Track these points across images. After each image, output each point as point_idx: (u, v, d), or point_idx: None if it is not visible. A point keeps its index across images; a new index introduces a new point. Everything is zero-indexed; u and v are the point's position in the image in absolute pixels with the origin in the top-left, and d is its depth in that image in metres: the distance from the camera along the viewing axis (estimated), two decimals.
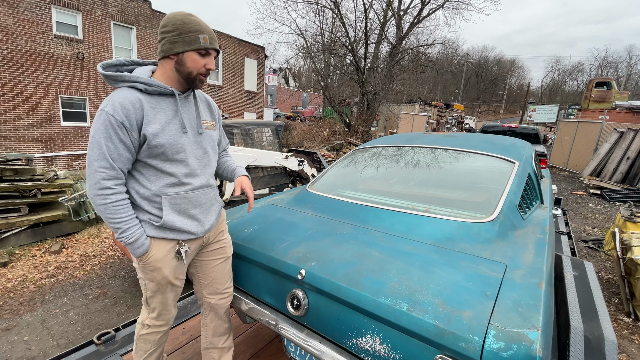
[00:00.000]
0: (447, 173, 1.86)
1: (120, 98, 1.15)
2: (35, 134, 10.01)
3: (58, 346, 2.76)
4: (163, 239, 1.29)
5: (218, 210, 1.47)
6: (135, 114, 1.16)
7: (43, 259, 4.34)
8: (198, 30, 1.19)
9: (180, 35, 1.18)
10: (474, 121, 31.30)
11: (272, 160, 4.52)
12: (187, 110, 1.31)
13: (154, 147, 1.20)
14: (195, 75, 1.24)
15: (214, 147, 1.44)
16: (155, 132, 1.19)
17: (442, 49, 20.68)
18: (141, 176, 1.25)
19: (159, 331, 1.44)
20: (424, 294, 1.03)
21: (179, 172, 1.27)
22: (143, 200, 1.25)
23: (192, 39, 1.18)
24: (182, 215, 1.30)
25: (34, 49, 9.69)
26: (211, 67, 1.25)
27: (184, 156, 1.27)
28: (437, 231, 1.36)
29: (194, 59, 1.21)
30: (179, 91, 1.27)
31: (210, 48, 1.23)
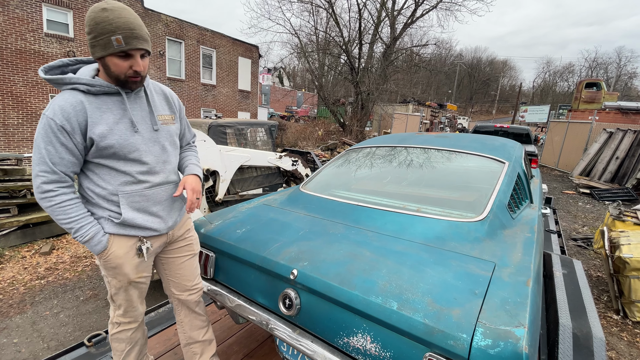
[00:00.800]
0: (438, 173, 1.88)
1: (61, 101, 1.11)
2: (25, 134, 9.85)
3: (48, 348, 2.72)
4: (124, 236, 1.27)
5: (181, 206, 1.45)
6: (76, 116, 1.12)
7: (33, 260, 4.27)
8: (110, 30, 1.07)
9: (96, 39, 1.09)
10: (467, 121, 31.59)
11: (265, 160, 4.51)
12: (139, 107, 1.26)
13: (104, 148, 1.17)
14: (124, 78, 1.16)
15: (173, 142, 1.39)
16: (103, 134, 1.15)
17: (436, 49, 20.86)
18: (95, 176, 1.22)
19: (129, 328, 1.43)
20: (414, 293, 1.04)
21: (133, 170, 1.24)
22: (100, 198, 1.23)
23: (106, 42, 1.08)
24: (143, 213, 1.28)
25: (24, 48, 9.54)
26: (137, 68, 1.15)
27: (138, 155, 1.23)
28: (428, 230, 1.38)
29: (115, 63, 1.13)
30: (127, 89, 1.22)
31: (127, 49, 1.10)
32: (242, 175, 4.35)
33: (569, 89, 53.44)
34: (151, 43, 1.23)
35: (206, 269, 1.61)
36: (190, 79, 13.96)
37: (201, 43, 14.16)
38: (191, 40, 13.76)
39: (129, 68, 1.15)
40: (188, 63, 13.77)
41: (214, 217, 1.79)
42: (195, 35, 13.90)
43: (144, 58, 1.19)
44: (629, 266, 2.96)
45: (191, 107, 14.18)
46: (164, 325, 2.10)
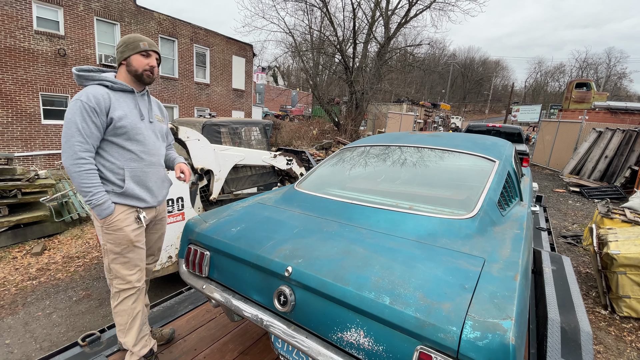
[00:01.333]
0: (431, 171, 1.91)
1: (93, 91, 1.50)
2: (14, 133, 9.68)
3: (41, 349, 2.70)
4: (125, 205, 1.59)
5: (168, 185, 1.83)
6: (104, 102, 1.50)
7: (24, 260, 4.22)
8: (139, 39, 1.61)
9: (127, 46, 1.60)
10: (460, 121, 31.88)
11: (260, 159, 4.51)
12: (143, 104, 1.69)
13: (119, 127, 1.54)
14: (141, 72, 1.61)
15: (163, 136, 1.80)
16: (120, 116, 1.54)
17: (429, 49, 20.99)
18: (106, 153, 1.56)
19: (129, 295, 1.64)
20: (406, 288, 1.07)
21: (137, 149, 1.61)
22: (109, 172, 1.56)
23: (135, 45, 1.60)
24: (140, 186, 1.64)
25: (14, 45, 9.37)
26: (153, 64, 1.64)
27: (142, 137, 1.63)
28: (420, 227, 1.41)
29: (138, 59, 1.61)
30: (136, 90, 1.64)
31: (149, 50, 1.62)
32: (237, 174, 4.34)
33: (559, 89, 54.21)
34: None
35: (201, 267, 1.62)
36: (183, 77, 13.86)
37: (194, 41, 14.05)
38: (184, 39, 13.65)
39: (147, 64, 1.62)
40: (181, 62, 13.66)
41: (208, 215, 1.80)
42: (189, 33, 13.80)
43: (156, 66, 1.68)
44: (617, 262, 3.04)
45: (185, 106, 14.08)
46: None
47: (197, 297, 2.39)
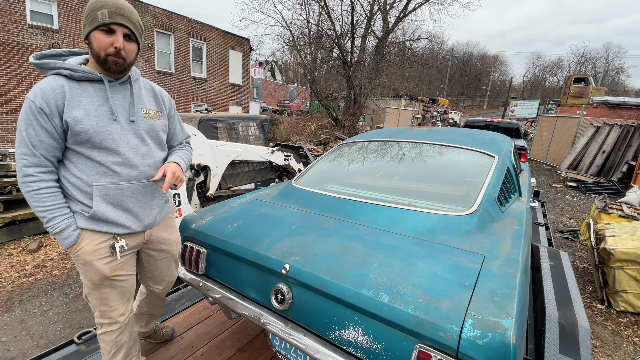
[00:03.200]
0: (429, 167, 1.89)
1: (43, 85, 1.13)
2: (9, 128, 9.58)
3: (38, 346, 2.69)
4: (95, 232, 1.25)
5: (160, 204, 1.43)
6: (55, 99, 1.13)
7: (20, 257, 4.19)
8: (98, 7, 1.12)
9: (87, 17, 1.14)
10: (458, 116, 31.84)
11: (257, 154, 4.48)
12: (121, 96, 1.26)
13: (78, 133, 1.16)
14: (104, 56, 1.16)
15: (157, 137, 1.37)
16: (78, 118, 1.15)
17: (428, 43, 20.91)
18: (72, 165, 1.21)
19: (111, 330, 1.37)
20: (405, 286, 1.05)
21: (108, 160, 1.22)
22: (75, 189, 1.21)
23: (93, 17, 1.12)
24: (116, 208, 1.26)
25: (7, 39, 9.23)
26: (119, 45, 1.15)
27: (114, 144, 1.22)
28: (419, 224, 1.39)
29: (97, 38, 1.14)
30: (110, 78, 1.23)
31: (110, 23, 1.12)
32: (234, 170, 4.31)
33: (558, 84, 54.24)
34: (142, 34, 1.27)
35: (197, 264, 1.60)
36: (180, 72, 13.72)
37: (191, 35, 13.90)
38: (181, 33, 13.50)
39: (110, 45, 1.15)
40: (178, 56, 13.52)
41: (205, 212, 1.77)
42: (185, 27, 13.63)
43: (130, 42, 1.21)
44: (614, 257, 3.05)
45: (181, 101, 13.96)
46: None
47: (194, 294, 2.37)
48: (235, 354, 1.83)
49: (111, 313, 1.35)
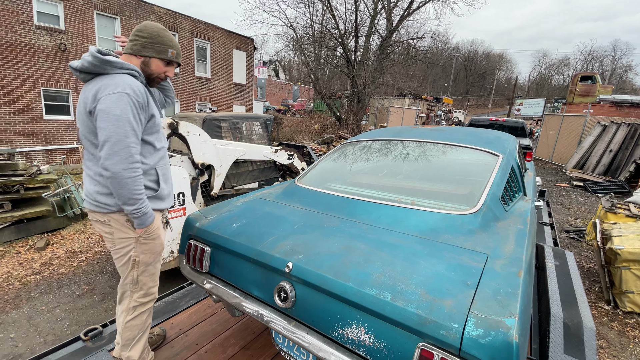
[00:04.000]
0: (433, 166, 1.88)
1: (133, 83, 1.34)
2: (17, 128, 9.70)
3: (45, 343, 2.73)
4: (157, 210, 1.51)
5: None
6: (145, 96, 1.37)
7: (28, 255, 4.25)
8: (168, 44, 1.47)
9: (153, 44, 1.43)
10: (463, 115, 31.65)
11: (261, 154, 4.49)
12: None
13: (156, 125, 1.45)
14: (155, 77, 1.49)
15: None
16: (156, 113, 1.45)
17: (432, 42, 20.78)
18: (140, 155, 1.41)
19: (146, 309, 1.56)
20: (408, 284, 1.05)
21: (162, 146, 1.53)
22: (143, 175, 1.42)
23: (162, 50, 1.46)
24: (168, 184, 1.55)
25: (15, 40, 9.34)
26: (170, 74, 1.54)
27: (162, 134, 1.54)
28: (422, 223, 1.39)
29: (158, 64, 1.47)
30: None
31: (174, 61, 1.51)
32: (238, 169, 4.33)
33: (564, 82, 53.63)
34: None
35: (202, 262, 1.61)
36: (184, 72, 13.79)
37: (195, 35, 13.96)
38: (185, 33, 13.56)
39: (164, 73, 1.51)
40: (182, 56, 13.59)
41: (209, 211, 1.79)
42: (189, 27, 13.69)
43: None
44: (620, 257, 3.02)
45: (186, 100, 14.03)
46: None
47: (198, 292, 2.39)
48: (239, 352, 1.85)
49: (154, 288, 1.57)
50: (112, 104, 1.25)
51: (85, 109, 1.33)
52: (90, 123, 1.33)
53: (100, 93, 1.28)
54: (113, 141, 1.25)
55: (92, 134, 1.34)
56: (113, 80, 1.30)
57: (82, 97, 1.36)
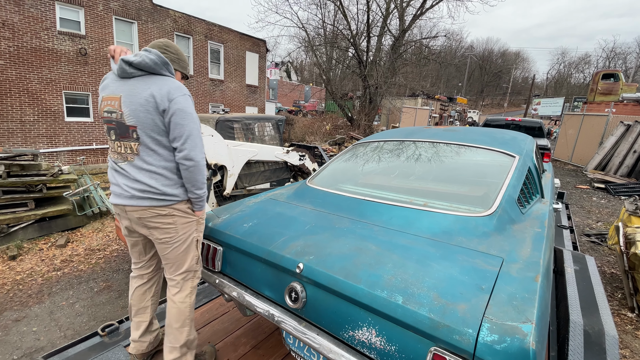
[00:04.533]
0: (446, 167, 1.85)
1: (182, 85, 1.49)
2: (40, 130, 10.08)
3: (65, 337, 2.82)
4: None
5: None
6: None
7: (49, 252, 4.41)
8: (187, 62, 1.68)
9: (179, 59, 1.62)
10: (477, 115, 31.03)
11: (273, 154, 4.52)
12: None
13: None
14: None
15: None
16: None
17: (446, 41, 20.45)
18: None
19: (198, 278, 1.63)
20: (420, 287, 1.04)
21: None
22: None
23: (185, 66, 1.67)
24: None
25: (39, 46, 9.71)
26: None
27: None
28: (435, 225, 1.37)
29: (179, 77, 1.64)
30: None
31: (187, 76, 1.72)
32: (250, 169, 4.37)
33: (584, 80, 51.90)
34: None
35: (214, 261, 1.63)
36: (198, 74, 14.03)
37: (209, 38, 14.19)
38: (199, 36, 13.80)
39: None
40: (196, 58, 13.83)
41: (221, 211, 1.81)
42: (203, 30, 13.93)
43: None
44: None
45: (199, 102, 14.28)
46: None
47: (210, 291, 2.42)
48: (250, 351, 1.86)
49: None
50: (186, 104, 1.41)
51: (154, 108, 1.37)
52: (158, 120, 1.38)
53: (173, 94, 1.39)
54: (194, 135, 1.41)
55: (156, 131, 1.39)
56: (173, 82, 1.42)
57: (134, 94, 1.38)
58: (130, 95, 1.39)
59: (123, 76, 1.42)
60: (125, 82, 1.42)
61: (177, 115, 1.38)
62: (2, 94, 9.26)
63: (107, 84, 1.48)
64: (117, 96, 1.41)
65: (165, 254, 1.52)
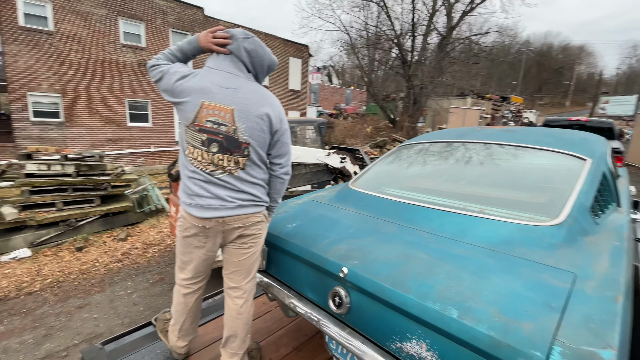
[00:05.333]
0: (504, 171, 1.70)
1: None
2: (106, 134, 11.22)
3: (122, 325, 3.07)
4: None
5: None
6: None
7: (112, 245, 4.85)
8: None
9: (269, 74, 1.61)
10: (535, 115, 28.60)
11: (314, 157, 4.54)
12: None
13: None
14: None
15: None
16: None
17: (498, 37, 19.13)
18: None
19: None
20: (477, 302, 0.95)
21: None
22: None
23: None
24: None
25: (105, 58, 10.83)
26: None
27: None
28: (493, 234, 1.25)
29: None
30: None
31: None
32: (292, 172, 4.44)
33: None
34: None
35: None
36: None
37: None
38: None
39: None
40: None
41: None
42: None
43: None
44: None
45: None
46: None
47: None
48: (291, 352, 1.86)
49: None
50: (287, 122, 1.45)
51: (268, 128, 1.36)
52: (268, 139, 1.38)
53: (282, 114, 1.42)
54: (290, 147, 1.48)
55: (264, 148, 1.39)
56: (275, 98, 1.42)
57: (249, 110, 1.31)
58: (246, 111, 1.30)
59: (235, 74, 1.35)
60: (236, 92, 1.31)
61: (285, 136, 1.44)
62: (73, 102, 10.47)
63: (209, 87, 1.29)
64: (228, 108, 1.29)
65: (242, 260, 1.48)
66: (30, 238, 4.55)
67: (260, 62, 1.39)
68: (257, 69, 1.40)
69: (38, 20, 9.60)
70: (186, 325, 1.63)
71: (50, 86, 9.96)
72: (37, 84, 9.74)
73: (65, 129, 10.39)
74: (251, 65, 1.38)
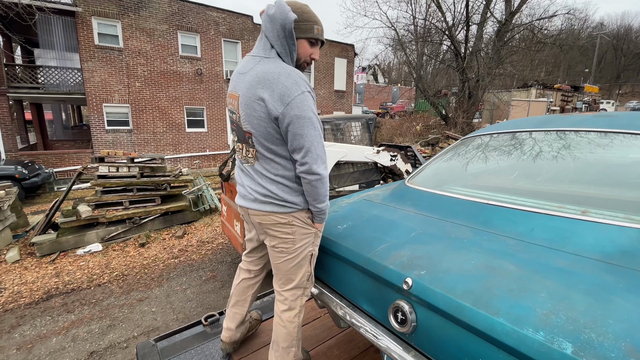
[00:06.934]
0: (607, 164, 1.36)
1: (303, 76, 1.21)
2: (167, 139, 12.15)
3: (177, 320, 3.16)
4: None
5: None
6: None
7: (170, 242, 5.14)
8: (314, 20, 1.23)
9: (300, 22, 1.20)
10: (614, 105, 25.04)
11: (362, 155, 4.34)
12: None
13: None
14: (302, 62, 1.29)
15: None
16: None
17: (566, 20, 17.04)
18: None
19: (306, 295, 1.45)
20: (600, 333, 0.70)
21: None
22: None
23: (308, 28, 1.22)
24: None
25: (166, 69, 11.74)
26: (315, 57, 1.30)
27: None
28: (606, 242, 0.96)
29: (304, 46, 1.25)
30: None
31: (320, 39, 1.28)
32: (339, 171, 4.28)
33: None
34: None
35: None
36: None
37: None
38: None
39: (309, 55, 1.29)
40: None
41: None
42: None
43: None
44: None
45: None
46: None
47: None
48: None
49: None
50: (304, 107, 1.14)
51: (266, 115, 1.17)
52: (271, 129, 1.19)
53: (288, 96, 1.13)
54: (315, 144, 1.18)
55: (270, 140, 1.22)
56: (288, 75, 1.15)
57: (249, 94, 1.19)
58: (246, 97, 1.20)
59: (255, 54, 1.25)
60: (244, 76, 1.23)
61: (295, 124, 1.14)
62: (139, 111, 11.50)
63: (233, 76, 1.31)
64: (236, 94, 1.25)
65: (277, 263, 1.38)
66: (102, 234, 5.00)
67: (273, 27, 1.16)
68: (272, 40, 1.19)
69: (110, 38, 10.73)
70: (231, 303, 1.66)
71: (121, 97, 11.06)
72: (111, 96, 10.88)
73: (133, 136, 11.47)
74: (271, 36, 1.19)
